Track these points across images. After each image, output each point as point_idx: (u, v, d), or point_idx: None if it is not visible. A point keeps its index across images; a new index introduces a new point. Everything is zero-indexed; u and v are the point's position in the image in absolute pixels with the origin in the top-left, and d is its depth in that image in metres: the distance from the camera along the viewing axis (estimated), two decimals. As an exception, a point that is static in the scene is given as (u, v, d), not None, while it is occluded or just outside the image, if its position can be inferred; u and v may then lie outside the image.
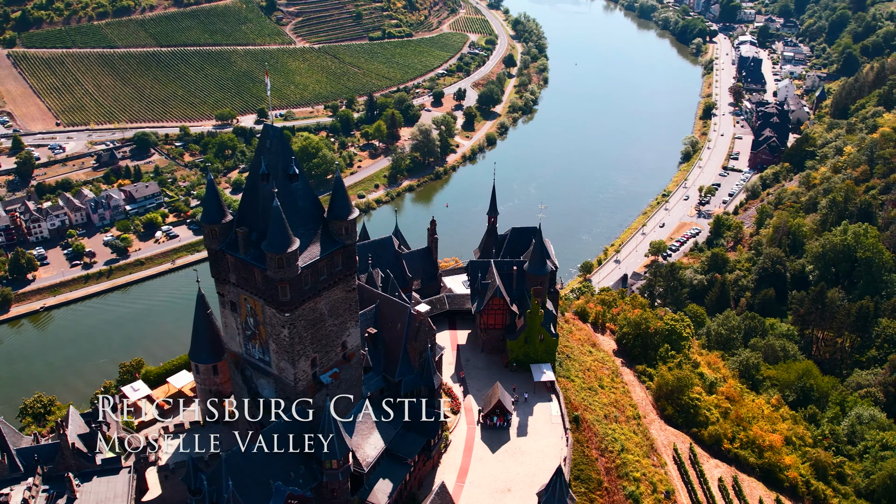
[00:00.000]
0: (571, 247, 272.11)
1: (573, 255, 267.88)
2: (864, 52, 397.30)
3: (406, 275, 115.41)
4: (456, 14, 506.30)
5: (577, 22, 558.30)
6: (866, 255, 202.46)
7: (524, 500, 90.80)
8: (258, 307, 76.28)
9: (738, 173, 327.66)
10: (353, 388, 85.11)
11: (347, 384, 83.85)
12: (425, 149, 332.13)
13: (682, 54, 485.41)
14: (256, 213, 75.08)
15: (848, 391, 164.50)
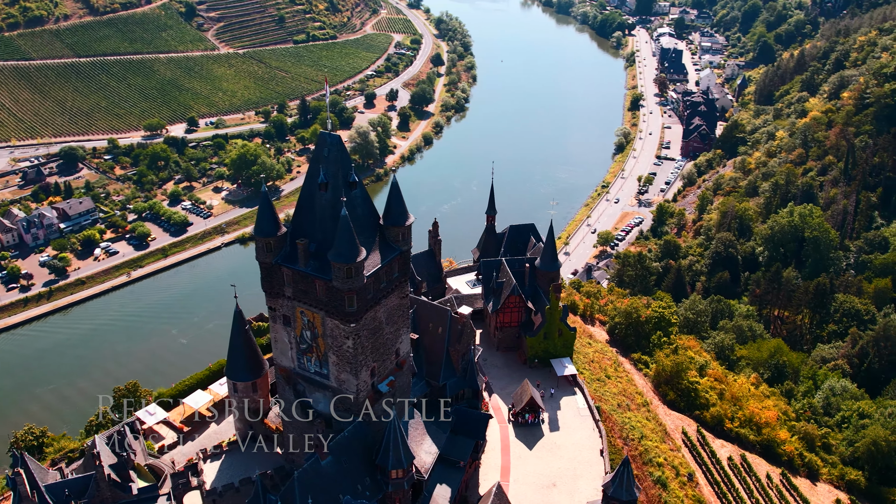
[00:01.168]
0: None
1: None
2: (778, 41, 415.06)
3: (415, 278, 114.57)
4: (377, 15, 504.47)
5: (497, 19, 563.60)
6: (814, 234, 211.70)
7: (571, 494, 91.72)
8: (317, 319, 74.60)
9: (672, 162, 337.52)
10: (405, 394, 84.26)
11: (401, 391, 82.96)
12: (364, 151, 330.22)
13: (603, 48, 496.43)
14: (314, 224, 73.48)
15: (817, 365, 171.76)
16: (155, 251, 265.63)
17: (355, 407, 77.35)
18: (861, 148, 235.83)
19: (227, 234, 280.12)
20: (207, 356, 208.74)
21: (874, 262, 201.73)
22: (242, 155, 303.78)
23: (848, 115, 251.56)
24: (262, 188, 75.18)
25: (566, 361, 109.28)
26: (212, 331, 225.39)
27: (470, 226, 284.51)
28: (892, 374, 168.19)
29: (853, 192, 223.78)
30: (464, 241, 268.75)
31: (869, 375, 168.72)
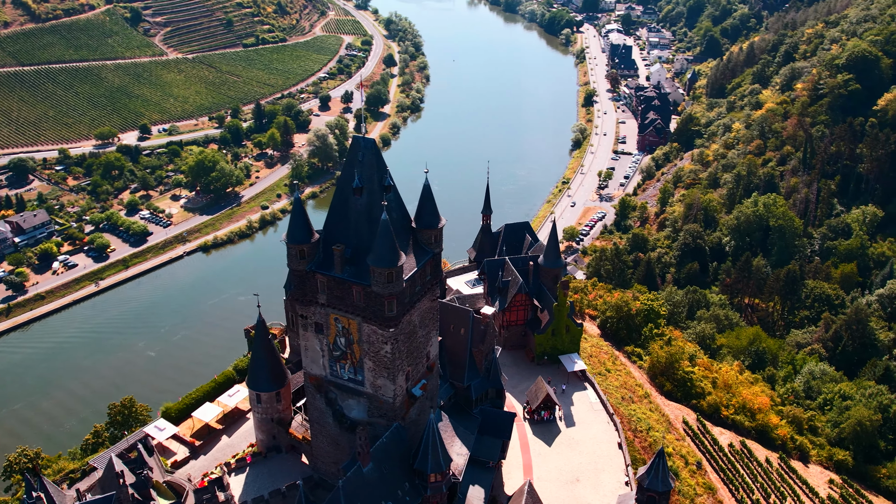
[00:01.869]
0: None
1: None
2: (724, 35, 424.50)
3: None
4: (326, 16, 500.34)
5: (446, 19, 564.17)
6: (778, 223, 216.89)
7: (595, 489, 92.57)
8: (353, 326, 73.81)
9: (629, 156, 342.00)
10: (434, 397, 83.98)
11: (431, 394, 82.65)
12: (323, 154, 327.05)
13: (553, 45, 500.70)
14: (347, 229, 72.70)
15: (794, 350, 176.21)
16: (115, 262, 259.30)
17: (392, 412, 76.81)
18: (818, 138, 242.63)
19: (189, 242, 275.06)
20: (177, 369, 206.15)
21: (839, 248, 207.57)
22: (200, 161, 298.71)
23: (803, 105, 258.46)
24: (296, 194, 74.08)
25: (575, 357, 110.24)
26: (180, 342, 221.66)
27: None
28: (865, 355, 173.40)
29: (813, 181, 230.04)
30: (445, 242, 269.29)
31: (844, 358, 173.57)
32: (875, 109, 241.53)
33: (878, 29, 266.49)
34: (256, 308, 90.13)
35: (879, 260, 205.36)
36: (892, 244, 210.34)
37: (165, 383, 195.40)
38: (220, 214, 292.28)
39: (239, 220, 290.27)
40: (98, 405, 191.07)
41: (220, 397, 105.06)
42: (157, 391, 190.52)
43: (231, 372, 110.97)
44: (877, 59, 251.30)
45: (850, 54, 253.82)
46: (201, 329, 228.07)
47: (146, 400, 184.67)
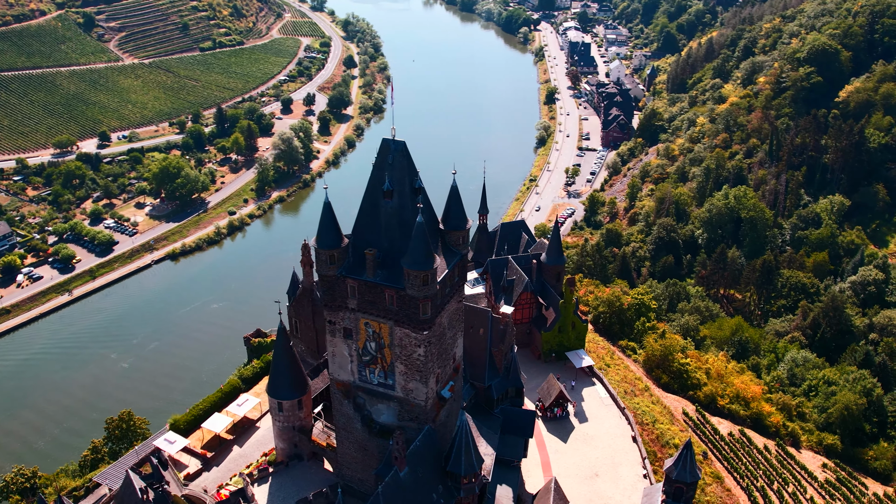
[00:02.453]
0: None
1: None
2: (680, 30, 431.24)
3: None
4: (282, 19, 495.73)
5: (403, 19, 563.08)
6: (750, 214, 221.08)
7: (615, 483, 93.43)
8: (385, 329, 73.29)
9: (594, 152, 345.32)
10: (460, 398, 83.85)
11: (457, 395, 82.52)
12: (289, 157, 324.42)
13: (511, 44, 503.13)
14: (378, 232, 72.17)
15: (775, 339, 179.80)
16: (82, 273, 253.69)
17: (424, 415, 76.50)
18: (783, 130, 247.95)
19: (157, 250, 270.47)
20: (153, 380, 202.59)
21: (810, 238, 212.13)
22: (164, 168, 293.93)
23: (767, 99, 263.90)
24: (325, 198, 73.15)
25: (581, 353, 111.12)
26: (154, 353, 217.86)
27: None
28: (843, 341, 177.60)
29: (781, 173, 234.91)
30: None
31: (822, 345, 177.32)
32: (837, 101, 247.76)
33: (835, 23, 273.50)
34: (232, 316, 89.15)
35: (849, 248, 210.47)
36: (859, 232, 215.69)
37: (142, 395, 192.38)
38: (186, 221, 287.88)
39: (206, 226, 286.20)
40: (74, 420, 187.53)
41: (229, 407, 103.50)
42: (133, 403, 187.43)
43: (236, 381, 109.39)
44: (836, 52, 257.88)
45: (811, 48, 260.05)
46: (175, 339, 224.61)
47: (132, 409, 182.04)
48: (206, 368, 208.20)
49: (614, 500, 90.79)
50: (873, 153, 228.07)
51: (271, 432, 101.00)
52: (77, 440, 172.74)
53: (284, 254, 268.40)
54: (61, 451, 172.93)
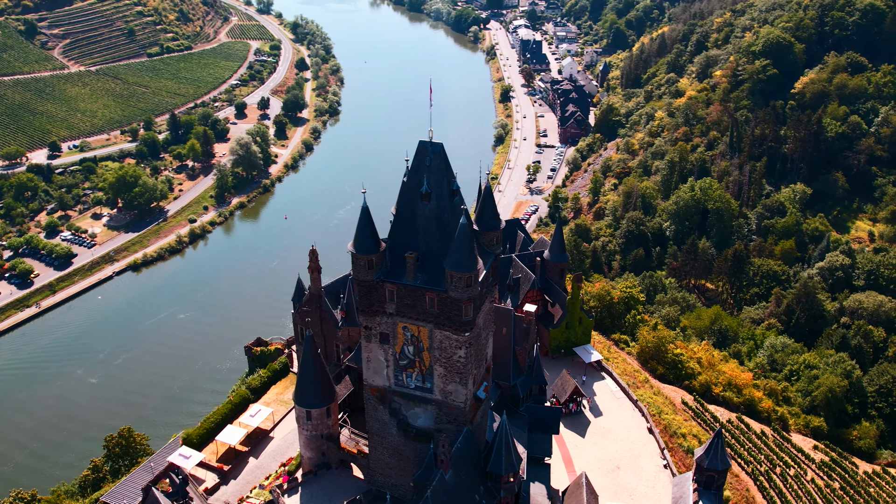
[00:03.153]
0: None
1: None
2: (629, 26, 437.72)
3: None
4: (229, 22, 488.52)
5: (352, 20, 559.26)
6: (716, 205, 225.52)
7: (637, 474, 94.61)
8: (424, 333, 72.89)
9: (553, 149, 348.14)
10: (489, 399, 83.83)
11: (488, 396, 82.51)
12: (247, 163, 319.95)
13: (461, 43, 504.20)
14: (416, 235, 71.75)
15: (753, 327, 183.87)
16: (41, 288, 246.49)
17: (462, 417, 76.33)
18: (743, 122, 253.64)
19: (117, 262, 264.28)
20: (124, 394, 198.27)
21: (776, 226, 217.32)
22: (121, 177, 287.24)
23: (725, 92, 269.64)
24: (363, 202, 72.39)
25: (589, 348, 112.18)
26: (122, 366, 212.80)
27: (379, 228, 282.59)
28: (816, 326, 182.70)
29: (743, 164, 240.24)
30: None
31: (797, 330, 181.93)
32: (793, 92, 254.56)
33: (787, 16, 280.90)
34: (201, 326, 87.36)
35: (814, 235, 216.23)
36: (822, 219, 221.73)
37: (113, 411, 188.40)
38: (146, 231, 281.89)
39: (167, 235, 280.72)
40: (45, 438, 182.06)
41: (241, 418, 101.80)
42: (105, 420, 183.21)
43: (245, 391, 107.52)
44: (790, 44, 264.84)
45: (766, 41, 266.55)
46: (143, 351, 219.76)
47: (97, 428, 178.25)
48: (178, 381, 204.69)
49: (639, 492, 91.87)
50: (831, 142, 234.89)
51: (286, 442, 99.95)
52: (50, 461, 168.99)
53: (248, 260, 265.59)
54: (33, 469, 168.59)
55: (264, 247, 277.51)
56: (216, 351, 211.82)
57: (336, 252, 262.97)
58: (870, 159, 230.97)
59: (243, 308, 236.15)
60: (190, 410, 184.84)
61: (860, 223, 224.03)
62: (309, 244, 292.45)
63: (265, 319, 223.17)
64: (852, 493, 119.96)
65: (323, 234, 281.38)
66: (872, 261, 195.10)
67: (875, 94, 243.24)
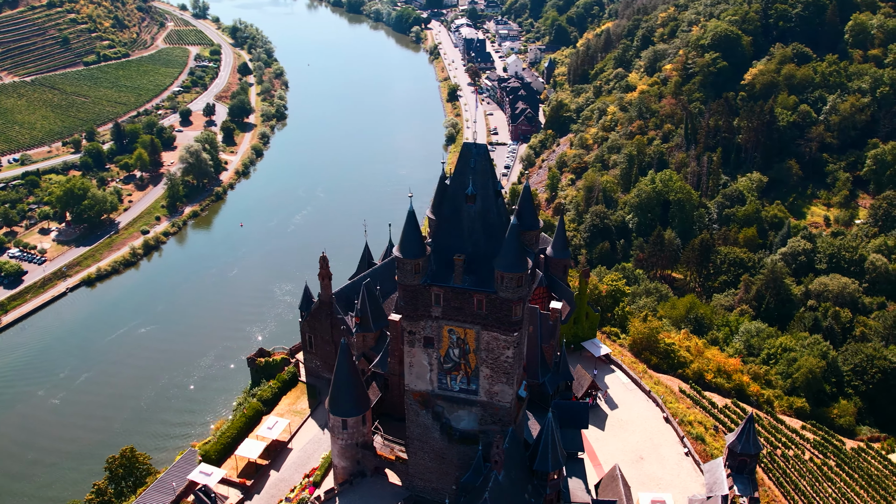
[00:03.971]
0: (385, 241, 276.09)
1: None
2: (571, 23, 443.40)
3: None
4: (166, 28, 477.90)
5: (290, 23, 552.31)
6: (677, 196, 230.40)
7: (661, 463, 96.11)
8: (470, 335, 72.71)
9: (504, 146, 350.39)
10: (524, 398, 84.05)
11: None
12: (198, 170, 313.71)
13: (404, 43, 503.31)
14: (461, 238, 71.44)
15: (726, 313, 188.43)
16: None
17: (507, 417, 76.46)
18: (696, 114, 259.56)
19: (70, 277, 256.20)
20: (90, 413, 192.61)
21: (737, 215, 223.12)
22: (69, 190, 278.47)
23: (677, 85, 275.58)
24: (409, 207, 71.75)
25: (597, 342, 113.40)
26: (85, 385, 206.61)
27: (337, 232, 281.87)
28: (784, 310, 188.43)
29: (700, 155, 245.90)
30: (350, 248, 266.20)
31: (768, 315, 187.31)
32: (743, 84, 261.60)
33: (732, 10, 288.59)
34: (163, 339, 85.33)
35: (773, 222, 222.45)
36: (779, 206, 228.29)
37: (81, 430, 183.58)
38: (98, 244, 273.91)
39: (120, 247, 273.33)
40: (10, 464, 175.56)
41: (259, 431, 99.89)
42: (74, 440, 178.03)
43: (257, 404, 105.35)
44: (738, 37, 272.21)
45: (714, 34, 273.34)
46: (105, 368, 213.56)
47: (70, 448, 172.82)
48: (145, 397, 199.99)
49: (665, 481, 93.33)
50: (783, 131, 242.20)
51: (305, 453, 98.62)
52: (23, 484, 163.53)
53: (207, 270, 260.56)
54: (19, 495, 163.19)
55: (222, 256, 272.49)
56: (182, 364, 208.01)
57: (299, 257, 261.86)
58: (821, 146, 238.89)
59: (206, 319, 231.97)
60: (160, 426, 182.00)
61: (815, 209, 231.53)
62: (268, 251, 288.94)
63: (230, 330, 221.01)
64: (848, 470, 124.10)
65: (282, 241, 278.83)
66: (833, 244, 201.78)
67: (822, 84, 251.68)
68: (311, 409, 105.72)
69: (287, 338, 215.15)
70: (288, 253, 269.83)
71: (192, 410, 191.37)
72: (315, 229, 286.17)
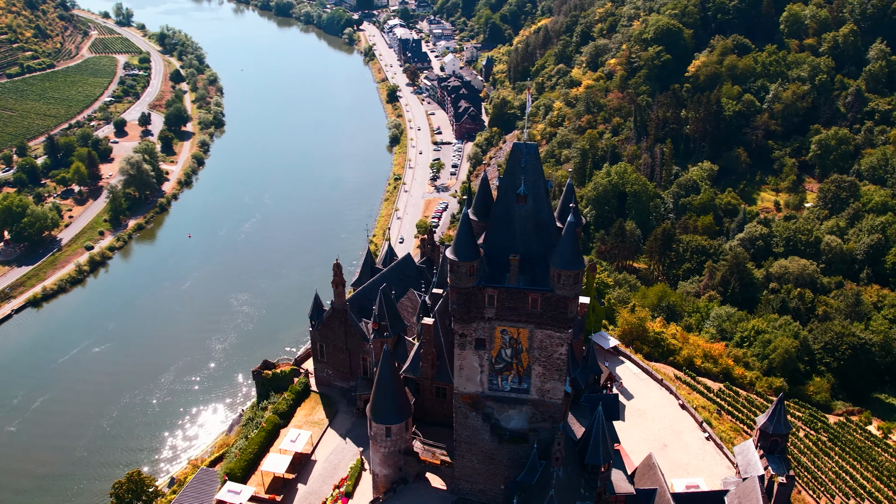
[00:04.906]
0: (338, 247, 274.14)
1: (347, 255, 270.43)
2: (504, 21, 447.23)
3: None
4: (90, 37, 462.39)
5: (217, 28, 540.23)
6: (634, 188, 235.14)
7: (685, 449, 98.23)
8: (523, 334, 72.92)
9: (450, 146, 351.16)
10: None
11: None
12: (139, 182, 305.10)
13: (336, 46, 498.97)
14: (513, 238, 71.56)
15: (694, 300, 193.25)
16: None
17: (558, 414, 77.01)
18: (645, 107, 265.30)
19: (14, 298, 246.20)
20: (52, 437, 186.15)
21: (693, 204, 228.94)
22: (7, 208, 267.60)
23: (622, 79, 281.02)
24: (464, 210, 71.36)
25: (604, 335, 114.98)
26: (42, 410, 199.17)
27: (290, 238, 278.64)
28: (748, 293, 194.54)
29: (651, 147, 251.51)
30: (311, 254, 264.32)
31: (733, 299, 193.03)
32: (688, 75, 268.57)
33: (672, 3, 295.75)
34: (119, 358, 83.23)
35: (727, 209, 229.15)
36: (731, 193, 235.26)
37: (44, 457, 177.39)
38: (41, 263, 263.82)
39: (65, 265, 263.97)
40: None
41: (282, 444, 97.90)
42: (35, 469, 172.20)
43: (274, 417, 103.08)
44: (679, 30, 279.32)
45: (656, 28, 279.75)
46: (62, 391, 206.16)
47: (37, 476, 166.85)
48: (107, 417, 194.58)
49: (692, 466, 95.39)
50: (729, 120, 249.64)
51: (330, 463, 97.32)
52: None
53: (158, 285, 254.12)
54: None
55: (172, 268, 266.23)
56: (142, 382, 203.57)
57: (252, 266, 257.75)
58: (766, 134, 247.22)
59: (163, 335, 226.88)
60: (127, 448, 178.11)
61: (765, 194, 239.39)
62: (219, 261, 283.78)
63: (190, 343, 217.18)
64: (840, 444, 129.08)
65: (232, 251, 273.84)
66: (789, 228, 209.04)
67: (763, 73, 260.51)
68: (330, 419, 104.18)
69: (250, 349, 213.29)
70: (241, 262, 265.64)
71: (159, 428, 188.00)
72: (266, 237, 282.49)
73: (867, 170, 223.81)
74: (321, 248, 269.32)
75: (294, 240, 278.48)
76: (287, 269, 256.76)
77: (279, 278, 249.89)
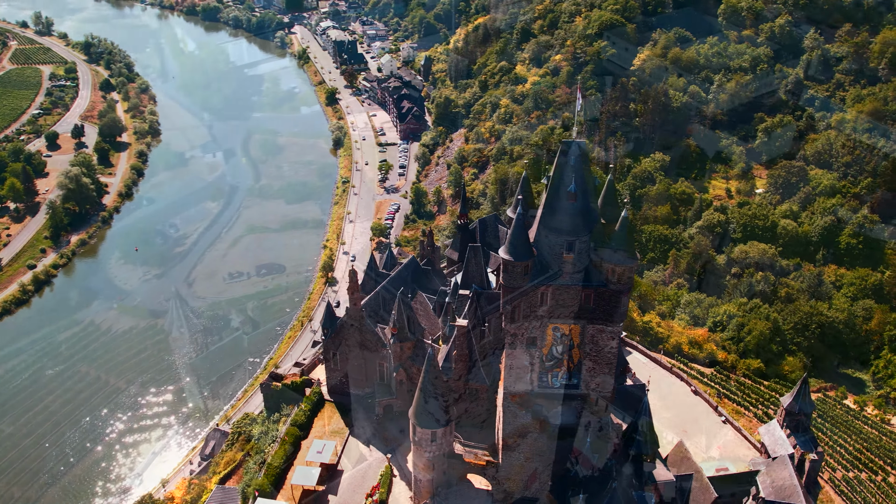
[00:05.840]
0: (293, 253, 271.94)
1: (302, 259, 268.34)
2: (439, 20, 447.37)
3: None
4: (9, 47, 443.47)
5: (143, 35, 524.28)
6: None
7: (706, 433, 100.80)
8: (575, 330, 73.58)
9: (395, 146, 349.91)
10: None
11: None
12: (79, 196, 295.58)
13: (268, 49, 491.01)
14: (566, 235, 72.02)
15: (663, 288, 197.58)
16: None
17: (605, 407, 77.92)
18: (594, 101, 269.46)
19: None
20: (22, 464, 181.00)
21: (650, 194, 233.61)
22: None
23: (569, 75, 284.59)
24: (518, 211, 71.36)
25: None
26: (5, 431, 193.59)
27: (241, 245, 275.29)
28: (714, 279, 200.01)
29: (602, 140, 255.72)
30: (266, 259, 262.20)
31: (699, 285, 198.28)
32: (633, 69, 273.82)
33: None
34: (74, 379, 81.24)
35: (682, 198, 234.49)
36: (684, 182, 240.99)
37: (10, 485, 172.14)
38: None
39: (7, 286, 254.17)
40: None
41: (308, 456, 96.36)
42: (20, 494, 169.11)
43: (294, 430, 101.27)
44: (622, 25, 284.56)
45: (600, 23, 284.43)
46: (18, 416, 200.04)
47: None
48: (69, 440, 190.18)
49: (714, 450, 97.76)
50: (677, 112, 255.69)
51: (359, 472, 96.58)
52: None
53: (109, 300, 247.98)
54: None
55: (122, 283, 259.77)
56: (101, 400, 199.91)
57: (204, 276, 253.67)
58: (713, 124, 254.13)
59: (120, 353, 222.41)
60: (94, 470, 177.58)
61: (716, 182, 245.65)
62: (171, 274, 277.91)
63: (149, 360, 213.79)
64: (831, 420, 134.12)
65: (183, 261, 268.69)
66: (745, 214, 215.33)
67: (706, 65, 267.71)
68: (350, 427, 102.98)
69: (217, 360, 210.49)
70: (193, 272, 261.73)
71: (126, 448, 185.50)
72: (215, 245, 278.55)
73: (812, 154, 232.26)
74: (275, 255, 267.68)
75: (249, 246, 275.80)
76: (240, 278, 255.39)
77: (237, 283, 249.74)
